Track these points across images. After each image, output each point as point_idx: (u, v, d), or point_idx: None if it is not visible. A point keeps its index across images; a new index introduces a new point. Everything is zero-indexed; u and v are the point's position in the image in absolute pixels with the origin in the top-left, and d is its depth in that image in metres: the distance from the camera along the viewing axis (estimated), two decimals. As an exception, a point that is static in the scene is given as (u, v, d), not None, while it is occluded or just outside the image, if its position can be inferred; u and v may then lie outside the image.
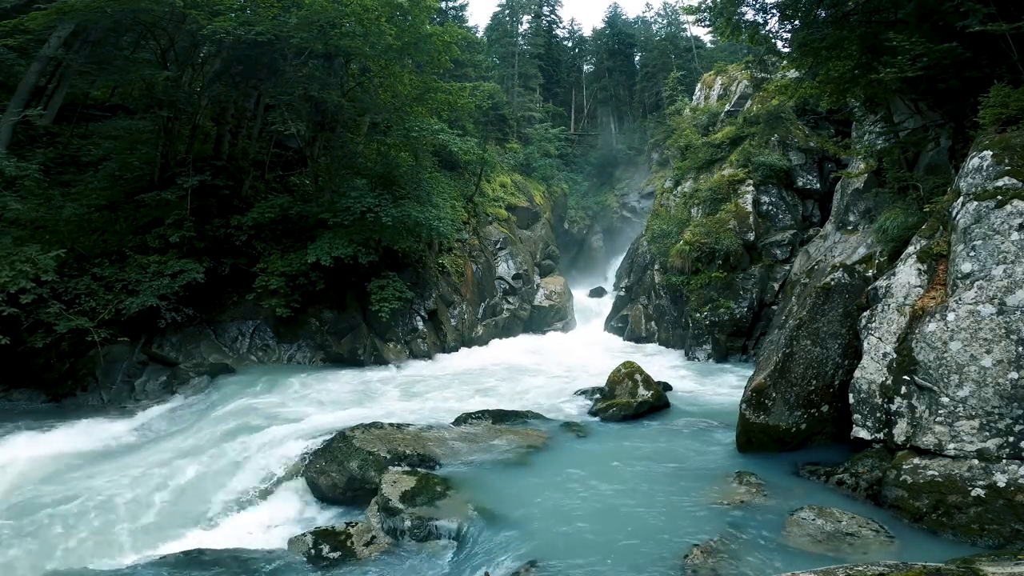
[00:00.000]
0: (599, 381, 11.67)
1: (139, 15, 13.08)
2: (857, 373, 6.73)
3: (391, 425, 8.41)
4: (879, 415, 6.40)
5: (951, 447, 5.73)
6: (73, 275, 12.25)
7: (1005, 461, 5.41)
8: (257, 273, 14.39)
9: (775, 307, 16.15)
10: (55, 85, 14.65)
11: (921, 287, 6.65)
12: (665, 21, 47.32)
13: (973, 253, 6.05)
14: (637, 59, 48.13)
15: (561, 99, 45.96)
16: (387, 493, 6.33)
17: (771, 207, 17.78)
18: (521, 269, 24.98)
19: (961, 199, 6.56)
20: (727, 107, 22.54)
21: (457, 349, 18.77)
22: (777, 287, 16.63)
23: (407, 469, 7.01)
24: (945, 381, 5.89)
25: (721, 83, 24.33)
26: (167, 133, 14.80)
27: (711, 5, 11.42)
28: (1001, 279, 5.77)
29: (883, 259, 9.71)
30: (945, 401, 5.84)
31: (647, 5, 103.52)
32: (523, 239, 27.43)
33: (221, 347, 14.12)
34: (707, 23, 12.06)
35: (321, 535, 5.77)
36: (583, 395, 11.52)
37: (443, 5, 33.42)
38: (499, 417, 9.29)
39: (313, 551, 5.59)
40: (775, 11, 11.16)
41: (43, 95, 14.62)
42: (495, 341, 21.13)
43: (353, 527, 5.88)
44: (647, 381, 10.49)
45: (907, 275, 6.83)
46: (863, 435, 6.51)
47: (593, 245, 37.05)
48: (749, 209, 17.41)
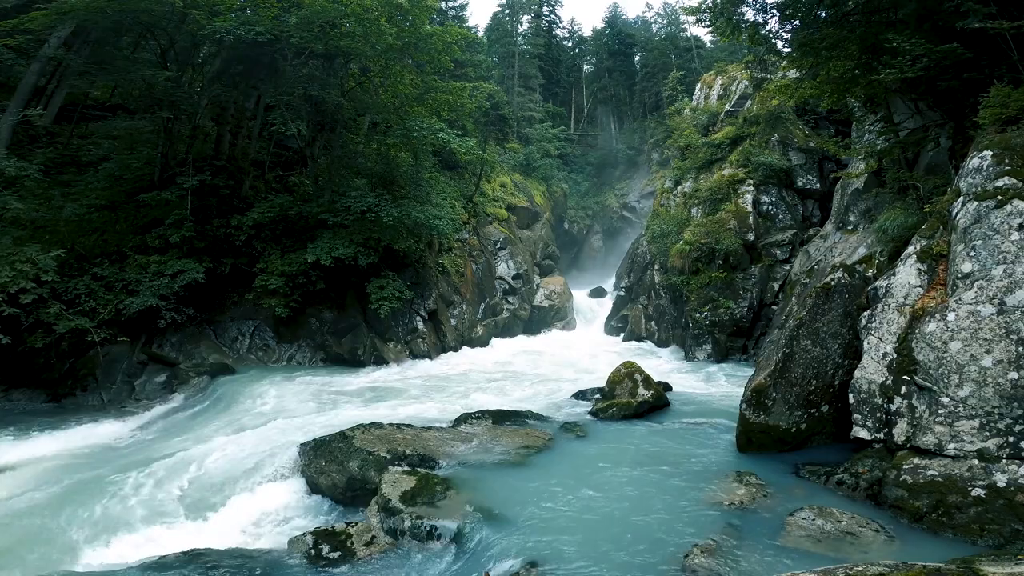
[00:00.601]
0: (599, 381, 11.67)
1: (139, 15, 13.09)
2: (857, 373, 6.72)
3: (391, 425, 8.41)
4: (879, 415, 6.40)
5: (951, 447, 5.73)
6: (73, 275, 12.26)
7: (1005, 461, 5.41)
8: (257, 273, 14.40)
9: (775, 307, 16.15)
10: (55, 85, 14.66)
11: (921, 287, 6.65)
12: (665, 21, 47.40)
13: (973, 253, 6.05)
14: (637, 59, 48.14)
15: (561, 99, 45.98)
16: (387, 493, 6.32)
17: (771, 207, 17.78)
18: (521, 269, 24.98)
19: (961, 199, 6.56)
20: (727, 107, 22.53)
21: (457, 349, 18.78)
22: (777, 287, 16.63)
23: (407, 469, 7.01)
24: (945, 381, 5.89)
25: (721, 83, 24.33)
26: (167, 133, 14.81)
27: (711, 5, 11.41)
28: (1001, 279, 5.77)
29: (883, 259, 9.71)
30: (945, 401, 5.84)
31: (647, 5, 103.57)
32: (523, 239, 27.44)
33: (221, 347, 14.13)
34: (707, 23, 12.04)
35: (321, 535, 5.77)
36: (583, 395, 11.51)
37: (443, 5, 33.43)
38: (499, 417, 9.29)
39: (313, 551, 5.59)
40: (775, 11, 11.15)
41: (43, 95, 14.63)
42: (495, 341, 21.14)
43: (353, 527, 5.87)
44: (647, 381, 10.49)
45: (907, 275, 6.83)
46: (863, 435, 6.50)
47: (593, 245, 37.06)
48: (749, 209, 17.41)
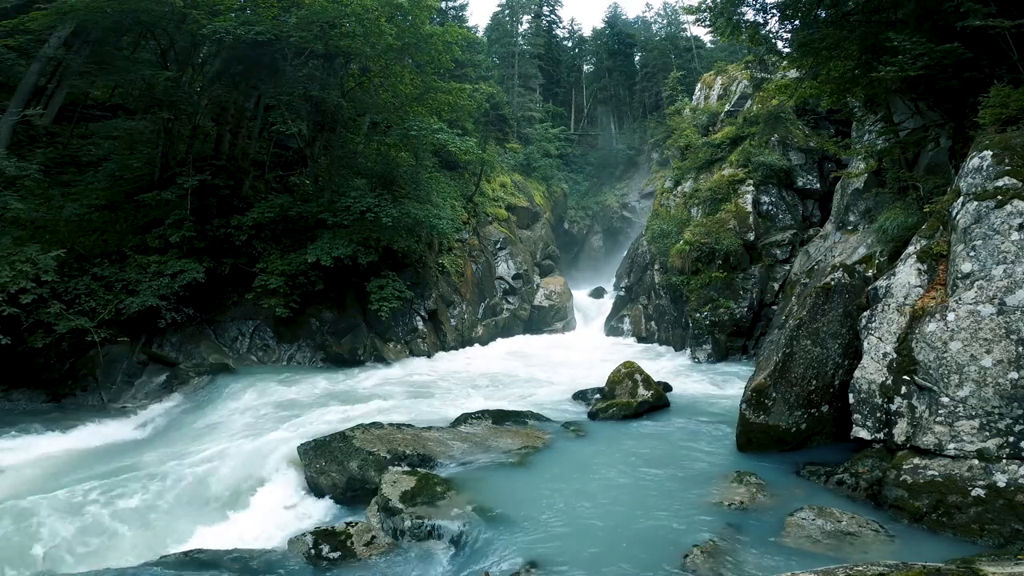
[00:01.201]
0: (599, 381, 11.67)
1: (139, 15, 13.09)
2: (857, 373, 6.72)
3: (391, 425, 8.40)
4: (879, 415, 6.40)
5: (951, 447, 5.73)
6: (73, 275, 12.25)
7: (1005, 461, 5.40)
8: (257, 273, 14.40)
9: (775, 307, 16.15)
10: (55, 85, 14.66)
11: (921, 287, 6.65)
12: (665, 21, 47.42)
13: (973, 253, 6.05)
14: (637, 59, 48.15)
15: (561, 99, 45.98)
16: (387, 493, 6.32)
17: (771, 207, 17.77)
18: (521, 269, 24.98)
19: (961, 199, 6.55)
20: (727, 107, 22.53)
21: (457, 349, 18.78)
22: (777, 287, 16.63)
23: (407, 469, 7.01)
24: (945, 381, 5.89)
25: (721, 83, 24.33)
26: (167, 133, 14.81)
27: (711, 5, 11.41)
28: (1001, 279, 5.77)
29: (883, 259, 9.71)
30: (945, 401, 5.84)
31: (647, 5, 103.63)
32: (523, 239, 27.44)
33: (221, 347, 14.13)
34: (707, 23, 12.05)
35: (321, 535, 5.77)
36: (583, 395, 11.51)
37: (443, 5, 33.44)
38: (499, 417, 9.29)
39: (313, 551, 5.59)
40: (775, 11, 11.16)
41: (43, 95, 14.62)
42: (495, 341, 21.15)
43: (353, 527, 5.87)
44: (647, 381, 10.49)
45: (907, 275, 6.83)
46: (863, 435, 6.50)
47: (593, 245, 37.06)
48: (749, 209, 17.40)
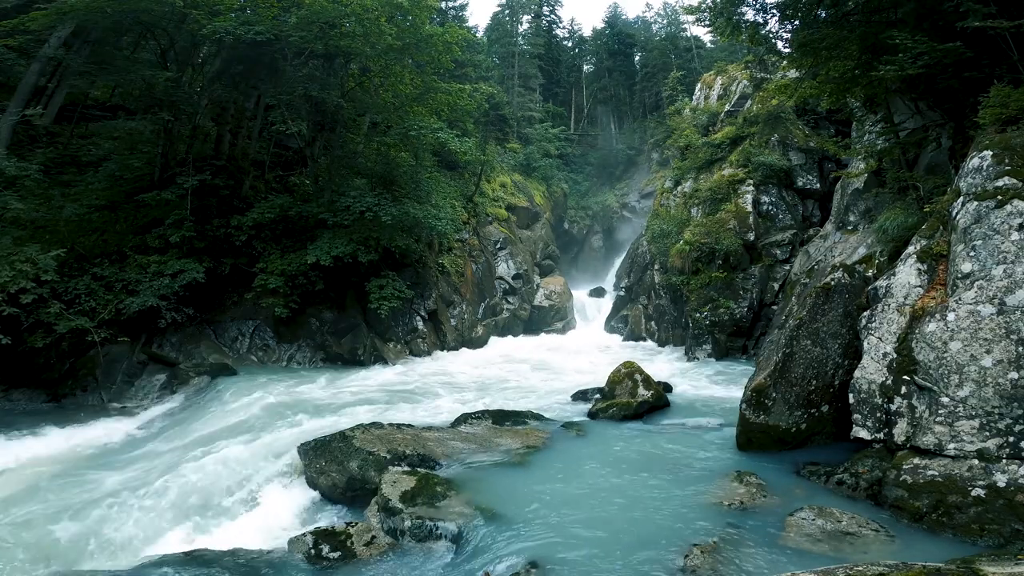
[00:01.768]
0: (599, 381, 11.67)
1: (139, 15, 13.09)
2: (857, 373, 6.72)
3: (391, 425, 8.40)
4: (879, 415, 6.40)
5: (951, 447, 5.73)
6: (73, 275, 12.25)
7: (1005, 461, 5.40)
8: (257, 273, 14.40)
9: (775, 307, 16.15)
10: (55, 85, 14.66)
11: (921, 287, 6.65)
12: (665, 21, 47.41)
13: (973, 253, 6.05)
14: (637, 59, 48.15)
15: (561, 99, 45.98)
16: (387, 493, 6.32)
17: (771, 207, 17.78)
18: (521, 269, 24.99)
19: (961, 199, 6.55)
20: (727, 107, 22.54)
21: (457, 349, 18.79)
22: (777, 287, 16.63)
23: (407, 469, 7.00)
24: (945, 381, 5.88)
25: (721, 83, 24.33)
26: (167, 133, 14.81)
27: (711, 5, 11.42)
28: (1001, 279, 5.77)
29: (883, 259, 9.71)
30: (945, 401, 5.84)
31: (647, 5, 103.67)
32: (523, 239, 27.44)
33: (221, 347, 14.12)
34: (707, 23, 12.05)
35: (321, 535, 5.76)
36: (583, 395, 11.51)
37: (443, 5, 33.44)
38: (499, 417, 9.29)
39: (313, 551, 5.59)
40: (775, 11, 11.16)
41: (43, 95, 14.63)
42: (495, 341, 21.15)
43: (353, 527, 5.86)
44: (647, 381, 10.49)
45: (907, 275, 6.83)
46: (863, 435, 6.50)
47: (593, 245, 37.05)
48: (749, 209, 17.41)
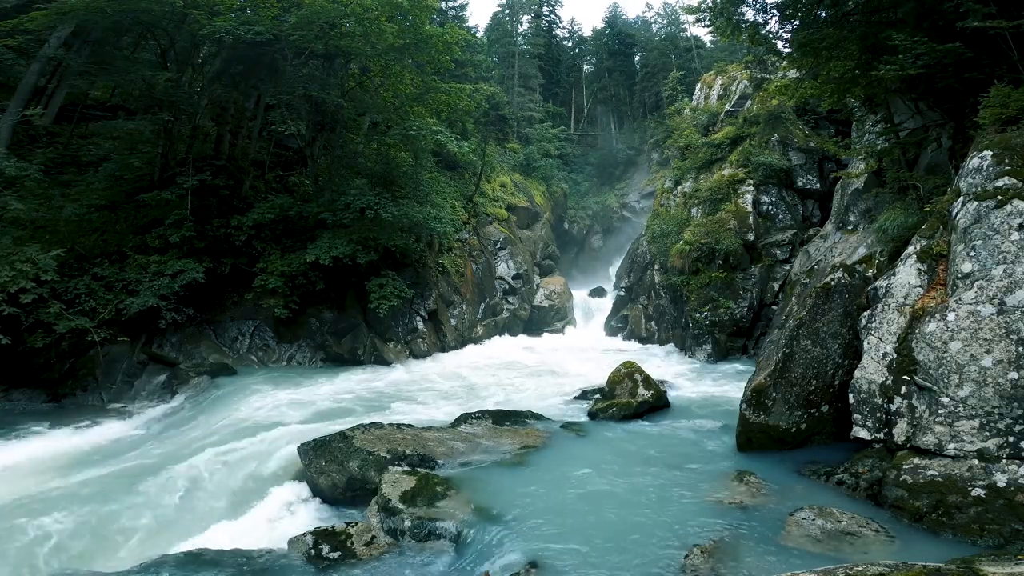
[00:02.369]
0: (599, 381, 11.67)
1: (139, 15, 13.09)
2: (857, 373, 6.72)
3: (391, 425, 8.40)
4: (879, 415, 6.40)
5: (951, 447, 5.73)
6: (73, 275, 12.25)
7: (1005, 461, 5.40)
8: (257, 273, 14.40)
9: (775, 307, 16.15)
10: (55, 85, 14.66)
11: (921, 287, 6.65)
12: (665, 21, 47.40)
13: (973, 253, 6.05)
14: (637, 59, 48.13)
15: (561, 99, 45.97)
16: (387, 493, 6.32)
17: (771, 207, 17.78)
18: (521, 269, 24.99)
19: (961, 199, 6.56)
20: (727, 107, 22.53)
21: (457, 349, 18.78)
22: (777, 287, 16.63)
23: (407, 469, 7.01)
24: (945, 381, 5.88)
25: (721, 83, 24.33)
26: (167, 133, 14.81)
27: (711, 5, 11.42)
28: (1001, 279, 5.77)
29: (883, 259, 9.71)
30: (945, 401, 5.84)
31: (647, 5, 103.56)
32: (523, 239, 27.44)
33: (221, 347, 14.12)
34: (707, 23, 12.06)
35: (321, 535, 5.76)
36: (583, 395, 11.51)
37: (443, 5, 33.43)
38: (499, 417, 9.29)
39: (313, 551, 5.59)
40: (775, 11, 11.16)
41: (43, 95, 14.63)
42: (495, 341, 21.15)
43: (353, 527, 5.86)
44: (647, 381, 10.49)
45: (907, 275, 6.83)
46: (863, 435, 6.50)
47: (593, 245, 37.05)
48: (749, 209, 17.41)
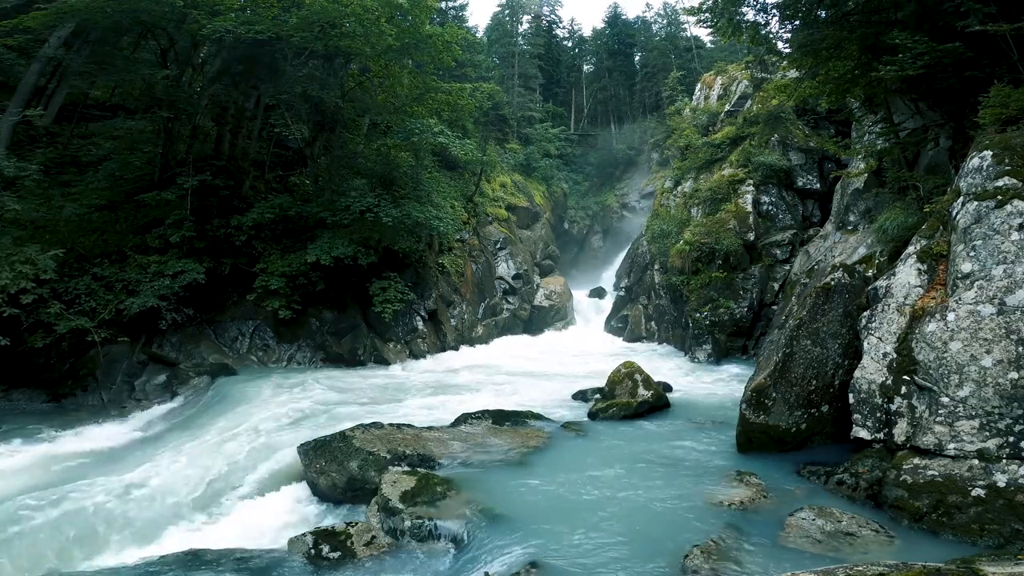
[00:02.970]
0: (599, 381, 11.67)
1: (139, 15, 13.08)
2: (857, 373, 6.72)
3: (391, 425, 8.41)
4: (879, 415, 6.40)
5: (951, 447, 5.73)
6: (73, 275, 12.24)
7: (1005, 461, 5.41)
8: (257, 273, 14.39)
9: (775, 307, 16.15)
10: (55, 85, 14.64)
11: (921, 287, 6.65)
12: (665, 21, 47.29)
13: (973, 253, 6.05)
14: (637, 59, 48.12)
15: (561, 99, 45.95)
16: (387, 493, 6.32)
17: (771, 207, 17.78)
18: (521, 269, 24.98)
19: (961, 199, 6.56)
20: (727, 107, 22.54)
21: (457, 349, 18.78)
22: (777, 287, 16.64)
23: (407, 469, 7.01)
24: (945, 381, 5.89)
25: (721, 83, 24.33)
26: (167, 133, 14.80)
27: (711, 5, 11.41)
28: (1001, 279, 5.77)
29: (883, 259, 9.71)
30: (945, 401, 5.84)
31: (647, 5, 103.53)
32: (523, 239, 27.44)
33: (221, 347, 14.12)
34: (707, 23, 12.04)
35: (321, 535, 5.77)
36: (583, 395, 11.52)
37: (443, 5, 33.40)
38: (499, 417, 9.29)
39: (313, 551, 5.59)
40: (775, 11, 11.17)
41: (43, 95, 14.61)
42: (495, 341, 21.14)
43: (353, 527, 5.87)
44: (647, 381, 10.49)
45: (907, 275, 6.83)
46: (863, 435, 6.50)
47: (593, 245, 37.04)
48: (749, 209, 17.41)
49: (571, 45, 52.54)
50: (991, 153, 6.46)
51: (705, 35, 43.68)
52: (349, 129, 18.36)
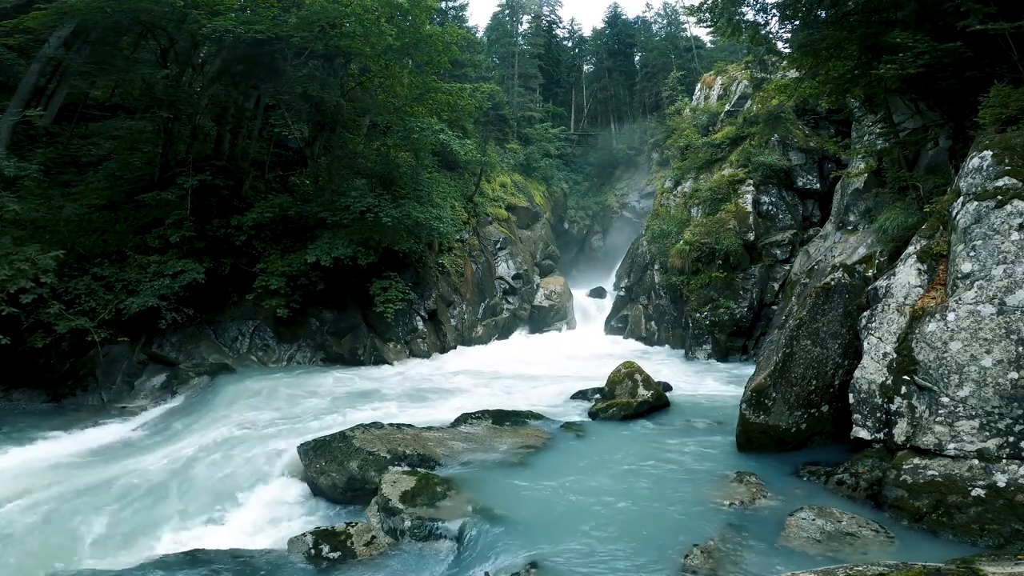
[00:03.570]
0: (599, 381, 11.66)
1: (139, 15, 13.08)
2: (857, 373, 6.72)
3: (391, 425, 8.41)
4: (879, 415, 6.40)
5: (951, 447, 5.73)
6: (73, 275, 12.24)
7: (1005, 461, 5.40)
8: (257, 273, 14.40)
9: (775, 307, 16.16)
10: (55, 85, 14.64)
11: (921, 287, 6.65)
12: (665, 21, 47.26)
13: (973, 253, 6.05)
14: (637, 59, 48.09)
15: (561, 99, 45.93)
16: (387, 493, 6.32)
17: (771, 207, 17.78)
18: (521, 269, 24.98)
19: (961, 199, 6.56)
20: (727, 107, 22.53)
21: (457, 349, 18.79)
22: (777, 287, 16.64)
23: (407, 469, 7.01)
24: (945, 381, 5.88)
25: (721, 83, 24.33)
26: (167, 133, 14.80)
27: (711, 5, 11.41)
28: (1001, 279, 5.77)
29: (883, 259, 9.71)
30: (945, 401, 5.84)
31: (647, 5, 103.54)
32: (523, 239, 27.44)
33: (221, 347, 14.12)
34: (707, 23, 12.05)
35: (321, 535, 5.77)
36: (583, 395, 11.51)
37: (443, 5, 33.39)
38: (499, 417, 9.29)
39: (313, 551, 5.59)
40: (775, 11, 11.17)
41: (43, 95, 14.61)
42: (495, 341, 21.15)
43: (353, 527, 5.87)
44: (647, 381, 10.49)
45: (907, 275, 6.83)
46: (863, 435, 6.50)
47: (593, 245, 37.03)
48: (749, 209, 17.41)
49: (571, 45, 52.52)
50: (991, 153, 6.46)
51: (705, 35, 43.72)
52: (349, 129, 18.36)
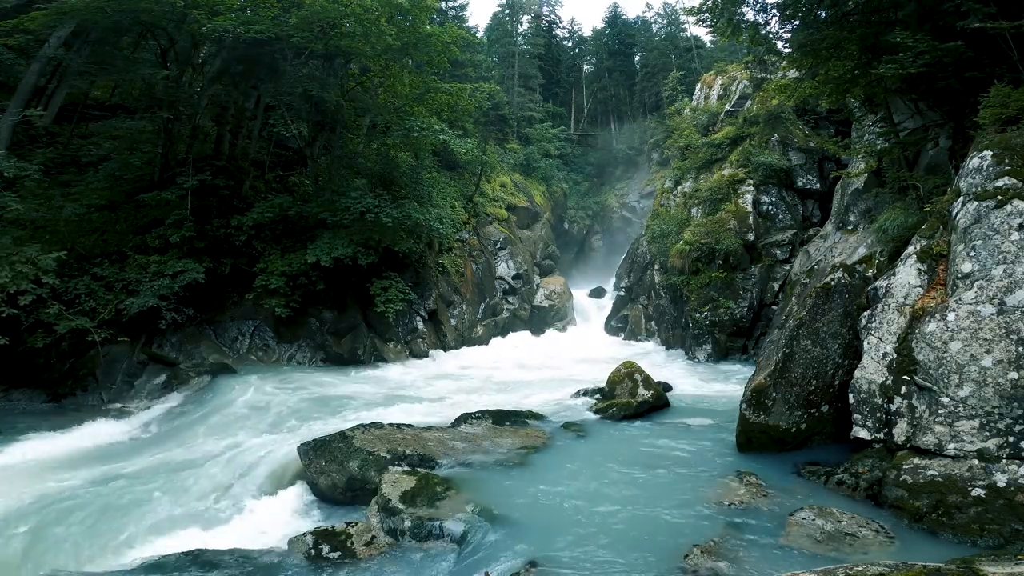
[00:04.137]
0: (599, 381, 11.67)
1: (139, 15, 13.08)
2: (857, 373, 6.72)
3: (391, 425, 8.41)
4: (879, 415, 6.40)
5: (951, 447, 5.73)
6: (73, 275, 12.24)
7: (1005, 461, 5.41)
8: (257, 273, 14.40)
9: (775, 307, 16.15)
10: (55, 85, 14.64)
11: (921, 287, 6.65)
12: (665, 21, 47.25)
13: (973, 253, 6.05)
14: (637, 59, 48.09)
15: (561, 99, 45.91)
16: (387, 493, 6.32)
17: (771, 207, 17.78)
18: (521, 269, 24.98)
19: (961, 199, 6.56)
20: (727, 107, 22.52)
21: (457, 349, 18.79)
22: (777, 287, 16.63)
23: (407, 469, 7.01)
24: (945, 381, 5.89)
25: (721, 83, 24.32)
26: (167, 133, 14.80)
27: (711, 5, 11.42)
28: (1001, 279, 5.77)
29: (883, 259, 9.71)
30: (945, 401, 5.84)
31: (647, 5, 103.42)
32: (523, 239, 27.43)
33: (221, 347, 14.12)
34: (707, 23, 12.06)
35: (321, 535, 5.77)
36: (583, 395, 11.51)
37: (443, 5, 33.38)
38: (499, 417, 9.29)
39: (313, 551, 5.59)
40: (775, 11, 11.18)
41: (43, 95, 14.61)
42: (495, 341, 21.14)
43: (353, 527, 5.87)
44: (647, 381, 10.49)
45: (907, 275, 6.83)
46: (863, 435, 6.50)
47: (593, 245, 37.02)
48: (749, 209, 17.41)
49: (571, 45, 52.51)
50: (991, 153, 6.46)
51: (705, 35, 43.69)
52: (349, 129, 18.36)
